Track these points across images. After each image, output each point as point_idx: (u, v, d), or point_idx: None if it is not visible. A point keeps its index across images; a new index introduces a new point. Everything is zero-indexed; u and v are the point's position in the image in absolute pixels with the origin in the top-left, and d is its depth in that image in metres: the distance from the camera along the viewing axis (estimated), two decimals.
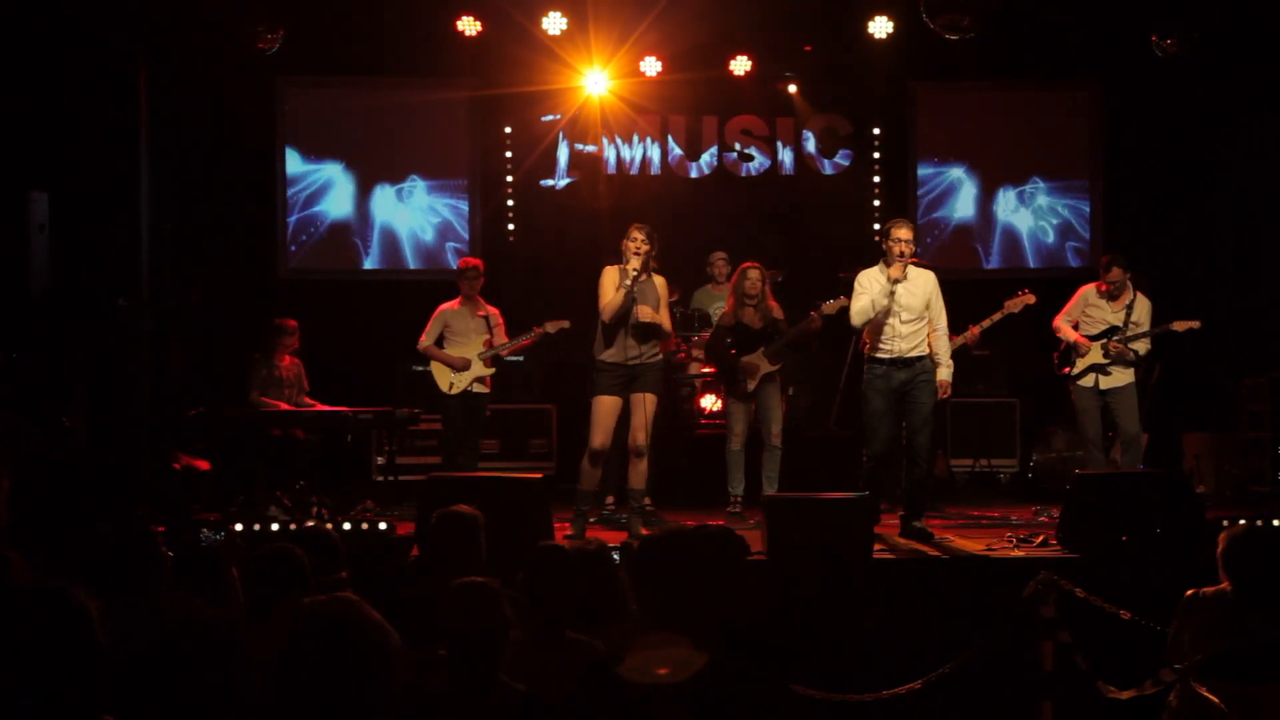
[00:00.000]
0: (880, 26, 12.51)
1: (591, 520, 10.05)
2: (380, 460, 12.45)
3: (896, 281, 9.25)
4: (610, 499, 11.31)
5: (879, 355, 9.40)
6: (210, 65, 12.23)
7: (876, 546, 8.76)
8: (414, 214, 13.94)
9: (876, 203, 14.11)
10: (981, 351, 13.24)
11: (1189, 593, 6.11)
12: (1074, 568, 8.23)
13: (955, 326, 11.01)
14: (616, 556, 6.58)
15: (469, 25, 12.46)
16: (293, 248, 13.78)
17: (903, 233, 9.33)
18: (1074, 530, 8.71)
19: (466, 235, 13.92)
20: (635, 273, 9.19)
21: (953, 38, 11.44)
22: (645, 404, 9.39)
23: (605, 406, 9.36)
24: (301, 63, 13.36)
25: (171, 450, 10.64)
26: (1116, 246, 13.66)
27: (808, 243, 13.58)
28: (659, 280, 9.46)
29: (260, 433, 10.75)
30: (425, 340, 10.96)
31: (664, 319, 9.46)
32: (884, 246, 9.42)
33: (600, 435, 9.34)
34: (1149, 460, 12.19)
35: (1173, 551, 8.28)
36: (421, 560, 7.03)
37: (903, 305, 9.32)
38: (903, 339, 9.33)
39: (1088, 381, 10.58)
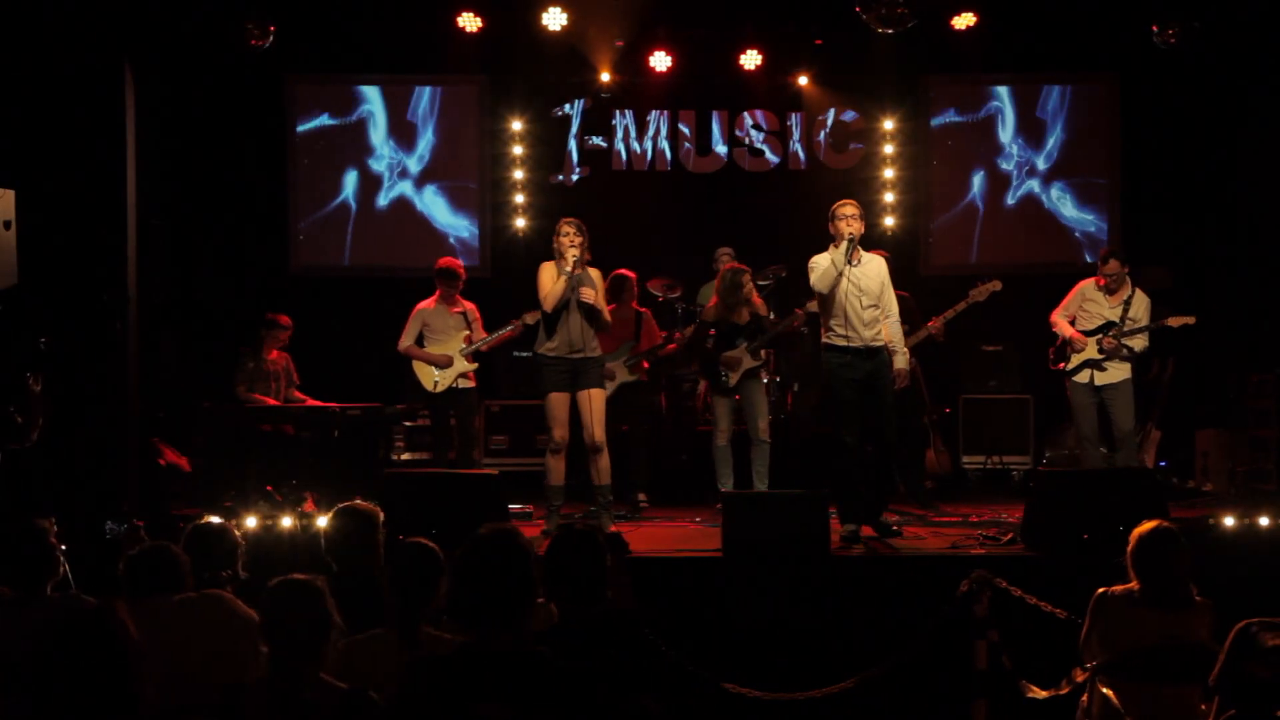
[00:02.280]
0: None
1: (578, 516, 10.06)
2: (390, 455, 12.58)
3: (854, 240, 9.22)
4: None
5: (840, 343, 9.29)
6: (220, 64, 12.34)
7: (836, 544, 8.73)
8: (423, 210, 14.00)
9: (889, 197, 13.97)
10: (994, 348, 13.12)
11: (1099, 591, 6.01)
12: (1035, 566, 8.19)
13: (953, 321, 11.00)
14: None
15: (470, 21, 12.46)
16: (302, 244, 13.86)
17: (849, 209, 9.33)
18: (1037, 528, 8.60)
19: (476, 230, 13.97)
20: (575, 260, 9.36)
21: (888, 31, 11.30)
22: (593, 400, 9.51)
23: (556, 401, 9.50)
24: (310, 61, 13.50)
25: (158, 446, 10.74)
26: (1133, 240, 13.55)
27: (818, 238, 13.43)
28: (594, 272, 9.58)
29: (249, 428, 10.84)
30: (405, 341, 10.99)
31: (601, 308, 9.56)
32: (831, 229, 9.35)
33: (558, 429, 9.51)
34: (1160, 457, 12.09)
35: None
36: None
37: (862, 289, 9.26)
38: (864, 325, 9.25)
39: (1083, 377, 10.44)
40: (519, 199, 13.97)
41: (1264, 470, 11.70)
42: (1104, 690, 5.80)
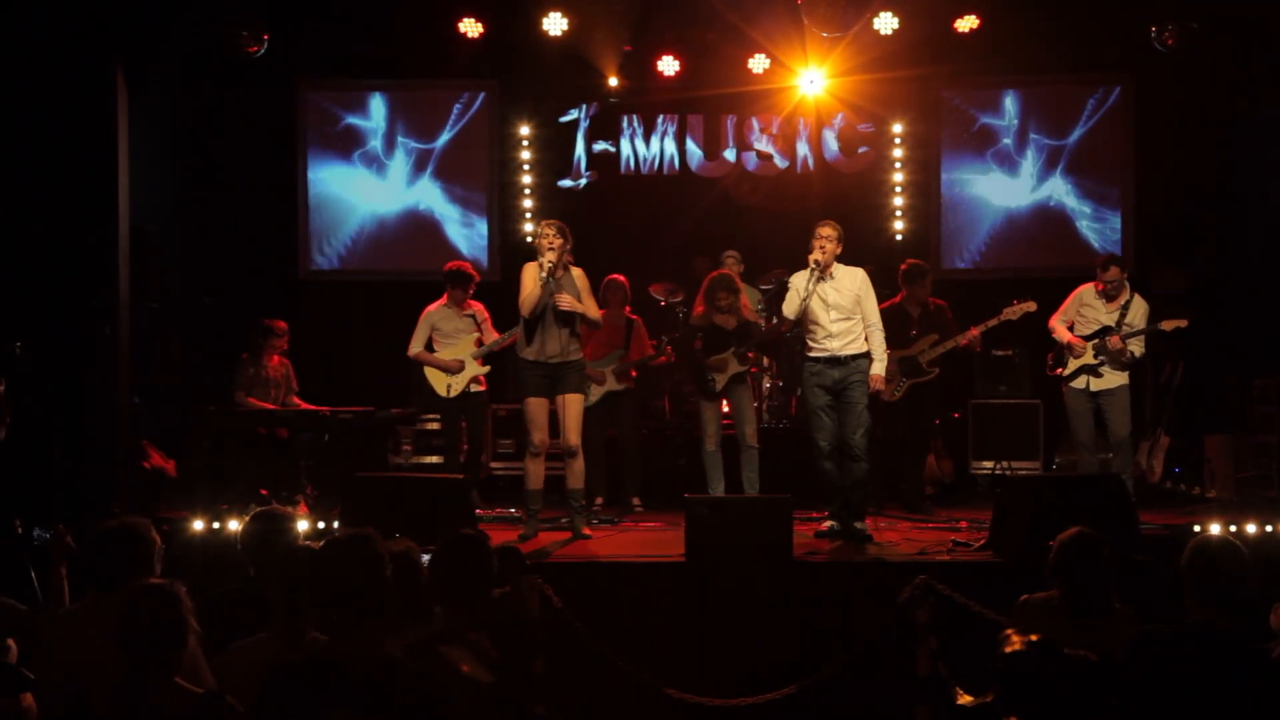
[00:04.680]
0: (885, 23, 12.32)
1: (562, 520, 10.05)
2: (397, 459, 12.65)
3: (819, 265, 9.30)
4: (599, 500, 11.33)
5: (813, 354, 9.51)
6: (232, 68, 12.43)
7: (804, 549, 8.68)
8: (432, 214, 14.06)
9: (898, 200, 13.92)
10: (1004, 352, 13.00)
11: (1021, 599, 5.97)
12: (999, 572, 8.12)
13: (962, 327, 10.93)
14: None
15: (471, 27, 12.50)
16: (313, 248, 13.97)
17: (825, 231, 9.43)
18: (1004, 534, 8.52)
19: (484, 234, 14.01)
20: (550, 267, 9.28)
21: (835, 35, 11.24)
22: (571, 405, 9.52)
23: (535, 406, 9.49)
24: (322, 65, 13.63)
25: (145, 449, 10.83)
26: (1146, 243, 13.41)
27: None
28: (577, 272, 9.55)
29: (243, 432, 10.91)
30: (415, 346, 11.03)
31: (590, 308, 9.54)
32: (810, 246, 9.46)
33: (537, 433, 9.50)
34: (1170, 464, 11.93)
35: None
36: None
37: (830, 304, 9.38)
38: (834, 337, 9.42)
39: (1079, 383, 10.34)
40: (527, 203, 14.02)
41: (1268, 476, 11.52)
42: None
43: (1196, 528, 9.07)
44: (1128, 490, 9.10)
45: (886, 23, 12.33)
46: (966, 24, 12.45)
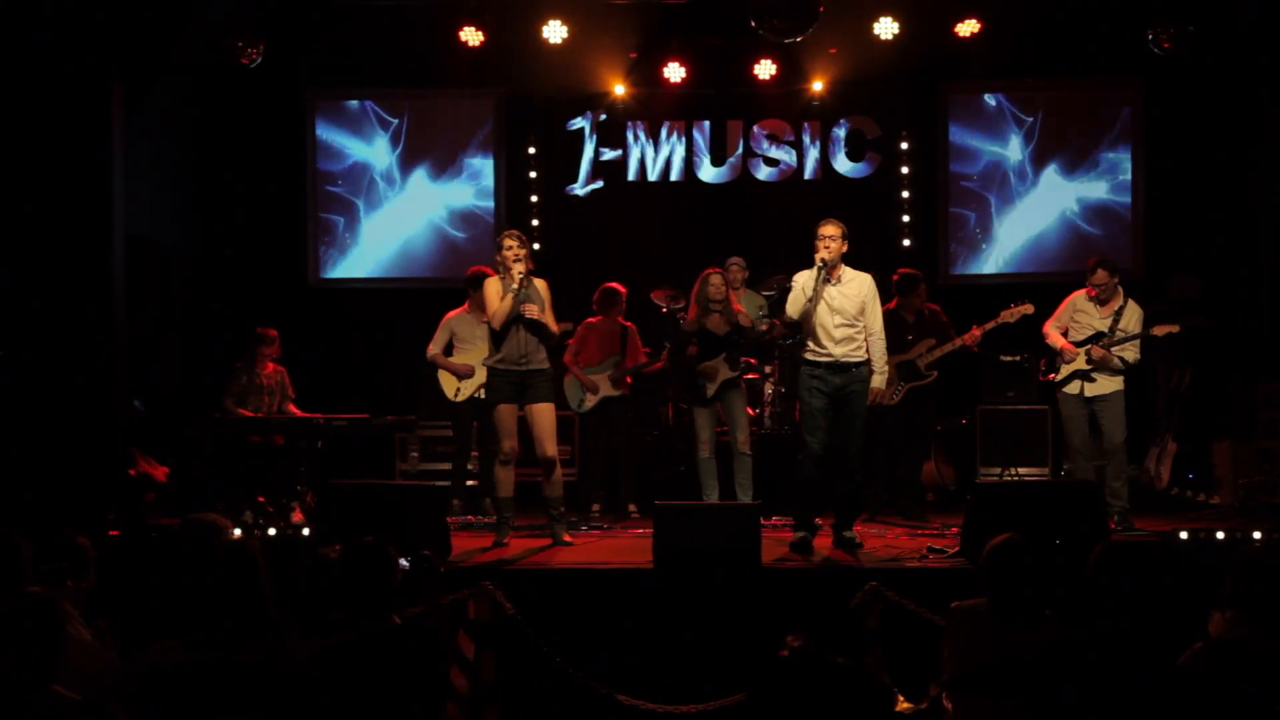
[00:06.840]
0: (886, 28, 12.28)
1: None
2: (404, 466, 12.73)
3: (826, 264, 9.08)
4: (596, 507, 11.36)
5: (814, 358, 9.24)
6: (239, 78, 12.53)
7: (774, 556, 8.66)
8: (439, 222, 14.12)
9: (905, 206, 13.86)
10: (1012, 358, 12.91)
11: (952, 605, 5.92)
12: (970, 579, 8.05)
13: (963, 330, 10.85)
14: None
15: (471, 35, 12.54)
16: (321, 257, 14.07)
17: (828, 230, 9.17)
18: (976, 541, 8.43)
19: (490, 242, 14.00)
20: (521, 277, 9.31)
21: (787, 40, 11.19)
22: (543, 414, 9.49)
23: (504, 413, 9.46)
24: (329, 74, 13.74)
25: (134, 456, 10.92)
26: (1157, 248, 13.28)
27: None
28: (540, 283, 9.54)
29: (238, 439, 10.99)
30: (433, 349, 11.10)
31: (550, 320, 9.49)
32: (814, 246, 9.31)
33: (507, 440, 9.46)
34: (1178, 470, 11.82)
35: (1072, 564, 7.97)
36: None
37: (835, 308, 9.14)
38: (836, 343, 9.14)
39: (1073, 389, 10.26)
40: (534, 211, 14.05)
41: (1272, 483, 11.39)
42: (945, 704, 5.73)
43: (1184, 534, 8.96)
44: (1100, 497, 9.00)
45: (886, 28, 12.27)
46: (967, 28, 12.36)
